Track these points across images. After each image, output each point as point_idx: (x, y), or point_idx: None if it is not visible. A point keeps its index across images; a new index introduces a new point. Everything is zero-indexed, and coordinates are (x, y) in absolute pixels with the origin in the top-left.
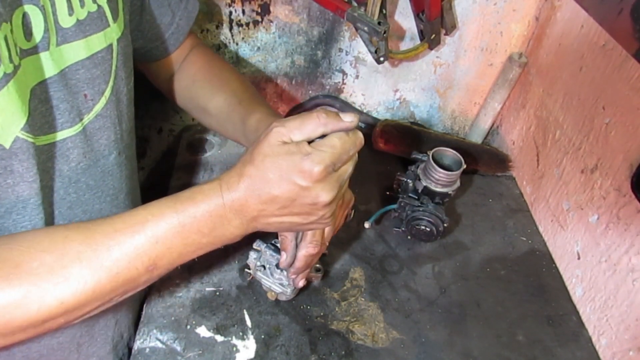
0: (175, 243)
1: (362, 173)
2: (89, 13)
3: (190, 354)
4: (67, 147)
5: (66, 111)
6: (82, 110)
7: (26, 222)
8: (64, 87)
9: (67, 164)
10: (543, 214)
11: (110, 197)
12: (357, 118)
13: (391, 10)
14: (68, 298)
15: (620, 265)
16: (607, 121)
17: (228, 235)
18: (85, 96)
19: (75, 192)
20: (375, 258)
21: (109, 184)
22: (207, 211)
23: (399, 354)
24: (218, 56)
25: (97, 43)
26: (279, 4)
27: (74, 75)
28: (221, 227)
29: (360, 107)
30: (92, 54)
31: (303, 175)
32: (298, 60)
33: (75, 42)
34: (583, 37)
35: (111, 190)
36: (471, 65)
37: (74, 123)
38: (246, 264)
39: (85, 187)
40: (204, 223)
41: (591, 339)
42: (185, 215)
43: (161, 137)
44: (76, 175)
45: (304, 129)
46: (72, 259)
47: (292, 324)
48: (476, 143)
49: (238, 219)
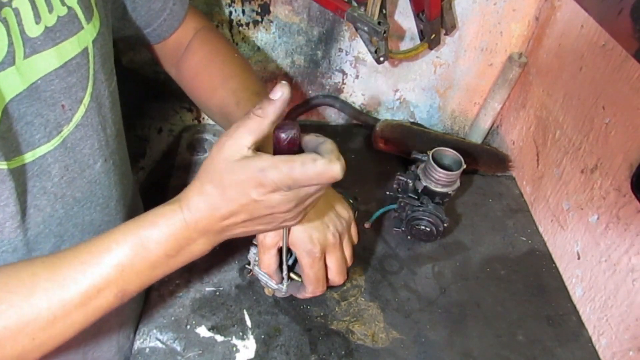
0: (142, 268)
1: (362, 173)
2: (58, 18)
3: (190, 354)
4: (47, 163)
5: (42, 126)
6: (61, 122)
7: (6, 246)
8: (37, 101)
9: (49, 180)
10: (543, 214)
11: (100, 206)
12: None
13: (391, 10)
14: (39, 334)
15: (620, 265)
16: (607, 121)
17: (196, 253)
18: (63, 107)
19: (63, 207)
20: (375, 258)
21: (97, 194)
22: (170, 235)
23: (399, 354)
24: (223, 42)
25: (70, 49)
26: (279, 4)
27: (48, 86)
28: (187, 247)
29: (360, 107)
30: (66, 62)
31: (257, 189)
32: (298, 60)
33: (46, 51)
34: (583, 37)
35: (100, 200)
36: (471, 65)
37: (52, 137)
38: (246, 264)
39: (73, 200)
40: (170, 246)
41: (591, 339)
42: (149, 240)
43: (161, 137)
44: (61, 190)
45: (251, 131)
46: (40, 296)
47: (292, 324)
48: (476, 143)
49: (203, 237)
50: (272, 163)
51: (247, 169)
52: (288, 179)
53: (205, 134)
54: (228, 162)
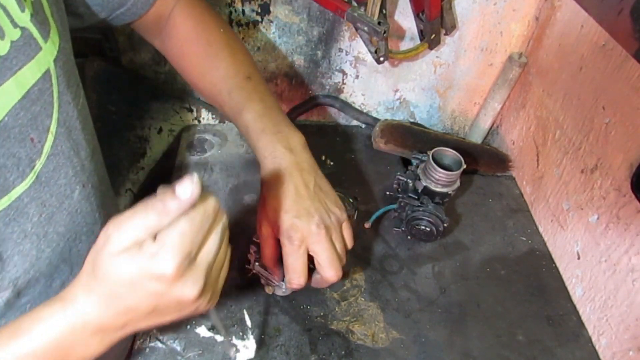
0: None
1: (362, 173)
2: (12, 43)
3: (190, 354)
4: (23, 204)
5: (15, 166)
6: (33, 157)
7: None
8: (7, 140)
9: (29, 222)
10: (543, 214)
11: (85, 235)
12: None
13: (391, 10)
14: None
15: (620, 265)
16: (607, 121)
17: (87, 356)
18: (32, 140)
19: (48, 245)
20: (375, 258)
21: (80, 223)
22: (50, 344)
23: (399, 354)
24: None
25: (30, 75)
26: (279, 4)
27: (15, 122)
28: (74, 353)
29: (360, 107)
30: (27, 90)
31: (155, 281)
32: (298, 60)
33: (5, 84)
34: (583, 37)
35: (84, 229)
36: (471, 65)
37: (26, 175)
38: (245, 264)
39: (57, 236)
40: (51, 356)
41: (591, 339)
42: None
43: (161, 137)
44: (43, 229)
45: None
46: None
47: (292, 324)
48: (476, 143)
49: (97, 337)
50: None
51: (136, 260)
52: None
53: (205, 134)
54: (112, 256)
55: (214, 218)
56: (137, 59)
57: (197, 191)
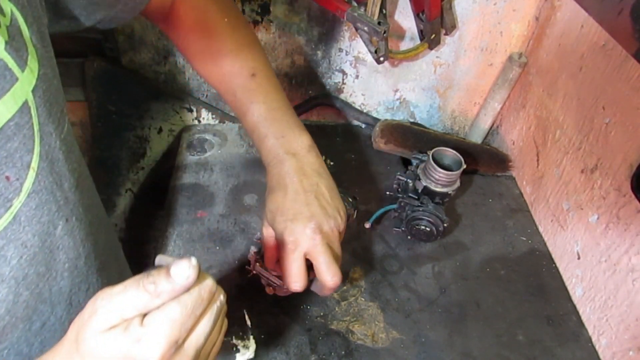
0: None
1: (362, 173)
2: None
3: None
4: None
5: None
6: (9, 196)
7: None
8: None
9: (7, 265)
10: (543, 214)
11: (67, 271)
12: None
13: (391, 10)
14: None
15: (620, 265)
16: (607, 121)
17: None
18: (7, 179)
19: (27, 288)
20: (375, 258)
21: (62, 259)
22: None
23: (399, 354)
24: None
25: (6, 110)
26: (279, 4)
27: None
28: None
29: (360, 107)
30: (2, 126)
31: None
32: (298, 60)
33: None
34: (583, 37)
35: (67, 264)
36: (471, 65)
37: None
38: (246, 264)
39: (37, 277)
40: None
41: (591, 339)
42: None
43: (161, 137)
44: (22, 272)
45: (135, 304)
46: None
47: (292, 324)
48: (476, 143)
49: None
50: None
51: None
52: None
53: (205, 134)
54: (96, 333)
55: (208, 301)
56: (137, 59)
57: (194, 276)
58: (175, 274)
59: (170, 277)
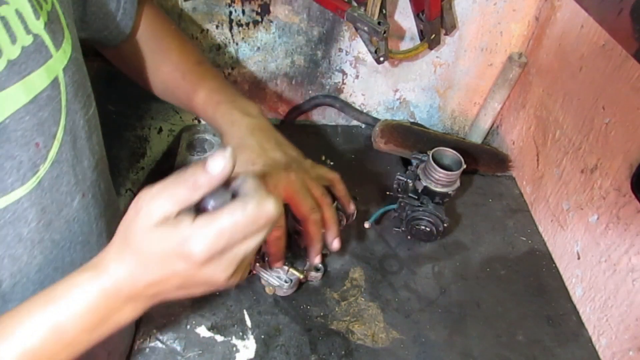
0: (58, 349)
1: (362, 173)
2: (23, 49)
3: (190, 354)
4: (23, 208)
5: (14, 169)
6: (37, 162)
7: None
8: (7, 143)
9: (26, 227)
10: (543, 214)
11: (80, 244)
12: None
13: (391, 10)
14: None
15: (620, 265)
16: (607, 121)
17: (122, 322)
18: (37, 145)
19: (41, 252)
20: (375, 258)
21: (76, 232)
22: (87, 308)
23: (399, 354)
24: (161, 18)
25: (39, 82)
26: (279, 4)
27: (18, 125)
28: (110, 318)
29: (360, 107)
30: (35, 96)
31: (184, 261)
32: (298, 60)
33: (11, 87)
34: (583, 37)
35: (80, 238)
36: (471, 65)
37: (27, 179)
38: None
39: (51, 244)
40: (88, 320)
41: (591, 339)
42: (61, 317)
43: (161, 137)
44: (39, 235)
45: (176, 199)
46: None
47: (292, 324)
48: (476, 143)
49: (130, 305)
50: (193, 231)
51: (168, 238)
52: (219, 239)
53: (205, 134)
54: (145, 229)
55: (262, 225)
56: None
57: (229, 167)
58: (211, 166)
59: (206, 170)
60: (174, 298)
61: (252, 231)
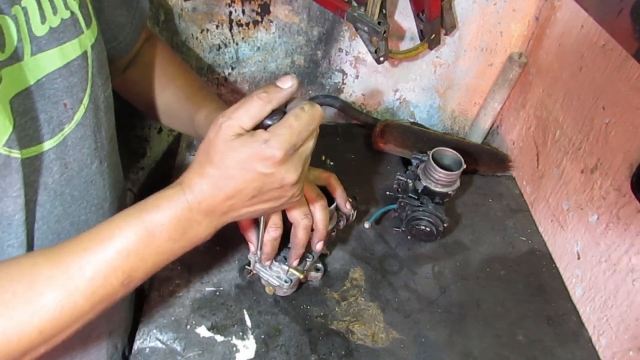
0: (148, 253)
1: (362, 173)
2: (62, 20)
3: (190, 354)
4: (50, 159)
5: (46, 122)
6: (63, 120)
7: (12, 240)
8: (42, 98)
9: (51, 177)
10: (543, 214)
11: (95, 206)
12: (296, 80)
13: (391, 10)
14: (46, 326)
15: (620, 265)
16: (607, 121)
17: (200, 236)
18: (65, 105)
19: (61, 204)
20: (375, 258)
21: (92, 194)
22: (174, 217)
23: (399, 354)
24: (168, 49)
25: (72, 51)
26: (279, 4)
27: (51, 84)
28: (191, 230)
29: (360, 107)
30: (68, 62)
31: (265, 162)
32: (298, 60)
33: (50, 50)
34: (583, 37)
35: (95, 200)
36: (471, 65)
37: (55, 134)
38: (245, 264)
39: (70, 198)
40: (174, 229)
41: (591, 339)
42: (153, 224)
43: (161, 137)
44: (61, 187)
45: (251, 113)
46: (45, 284)
47: (292, 324)
48: (476, 143)
49: (207, 219)
50: (271, 133)
51: (249, 145)
52: (291, 136)
53: None
54: (227, 141)
55: (318, 121)
56: None
57: (296, 83)
58: (281, 83)
59: (278, 86)
60: (243, 215)
61: (312, 129)
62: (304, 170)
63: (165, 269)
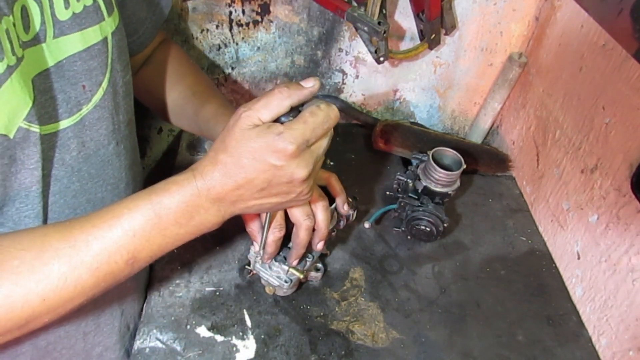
0: (153, 235)
1: (362, 173)
2: (84, 7)
3: (190, 354)
4: (67, 137)
5: (64, 102)
6: (81, 101)
7: (29, 211)
8: (61, 78)
9: (68, 153)
10: (543, 214)
11: (111, 185)
12: (318, 81)
13: (391, 10)
14: (50, 295)
15: (620, 265)
16: (607, 121)
17: (206, 224)
18: (83, 87)
19: (79, 180)
20: (375, 258)
21: (109, 173)
22: (182, 202)
23: (399, 354)
24: (181, 51)
25: (93, 36)
26: (279, 4)
27: (71, 67)
28: (198, 217)
29: (360, 107)
30: (89, 47)
31: (277, 154)
32: (298, 60)
33: (72, 34)
34: (583, 37)
35: (112, 180)
36: (471, 65)
37: (72, 113)
38: (246, 264)
39: (87, 175)
40: (181, 214)
41: (591, 339)
42: (160, 206)
43: (161, 137)
44: (78, 164)
45: (270, 106)
46: (52, 255)
47: (292, 324)
48: (476, 143)
49: (215, 206)
50: (286, 127)
51: (264, 136)
52: (305, 132)
53: None
54: (243, 130)
55: (333, 122)
56: None
57: (318, 84)
58: (304, 82)
59: (299, 84)
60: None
61: (327, 128)
62: (315, 169)
63: (166, 269)
